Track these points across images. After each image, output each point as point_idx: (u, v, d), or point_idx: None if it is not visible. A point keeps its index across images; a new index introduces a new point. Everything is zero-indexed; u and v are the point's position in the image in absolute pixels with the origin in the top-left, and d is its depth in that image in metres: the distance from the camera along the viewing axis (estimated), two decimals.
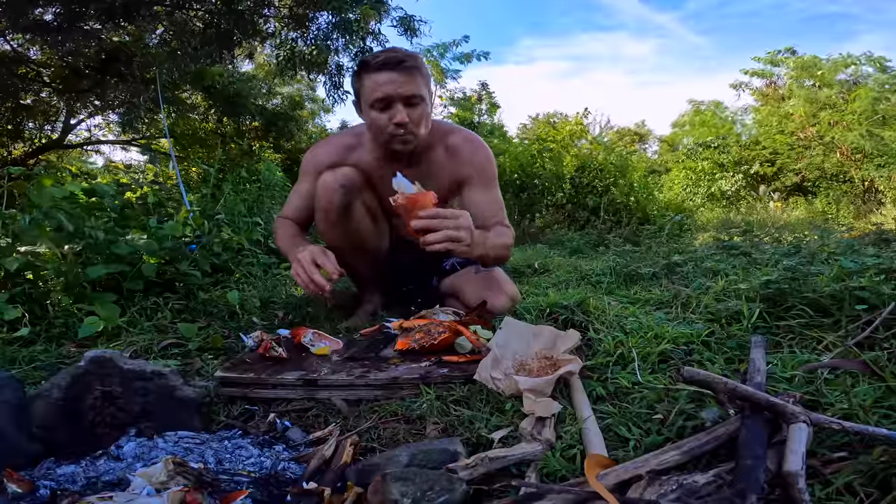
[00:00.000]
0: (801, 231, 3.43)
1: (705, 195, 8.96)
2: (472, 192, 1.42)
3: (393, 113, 1.26)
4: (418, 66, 1.28)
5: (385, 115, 1.27)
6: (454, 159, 1.42)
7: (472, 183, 1.42)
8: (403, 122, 1.26)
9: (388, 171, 1.33)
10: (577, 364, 0.96)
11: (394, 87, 1.24)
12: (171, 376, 0.91)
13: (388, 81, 1.24)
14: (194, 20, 4.51)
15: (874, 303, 1.06)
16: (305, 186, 1.47)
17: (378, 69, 1.25)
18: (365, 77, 1.27)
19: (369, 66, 1.27)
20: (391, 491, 0.62)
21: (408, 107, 1.27)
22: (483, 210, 1.39)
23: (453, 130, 1.46)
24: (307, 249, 1.26)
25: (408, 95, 1.26)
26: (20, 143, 6.19)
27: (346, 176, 1.36)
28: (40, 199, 1.56)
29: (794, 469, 0.58)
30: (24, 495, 0.67)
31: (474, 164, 1.43)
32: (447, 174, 1.42)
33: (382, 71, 1.24)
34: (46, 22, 4.02)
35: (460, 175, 1.43)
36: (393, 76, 1.24)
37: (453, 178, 1.43)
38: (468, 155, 1.42)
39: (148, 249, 1.74)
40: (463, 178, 1.43)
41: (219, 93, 5.85)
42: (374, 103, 1.26)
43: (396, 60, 1.24)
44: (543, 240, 4.39)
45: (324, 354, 1.18)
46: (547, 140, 5.65)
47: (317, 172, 1.41)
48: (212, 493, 0.67)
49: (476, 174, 1.42)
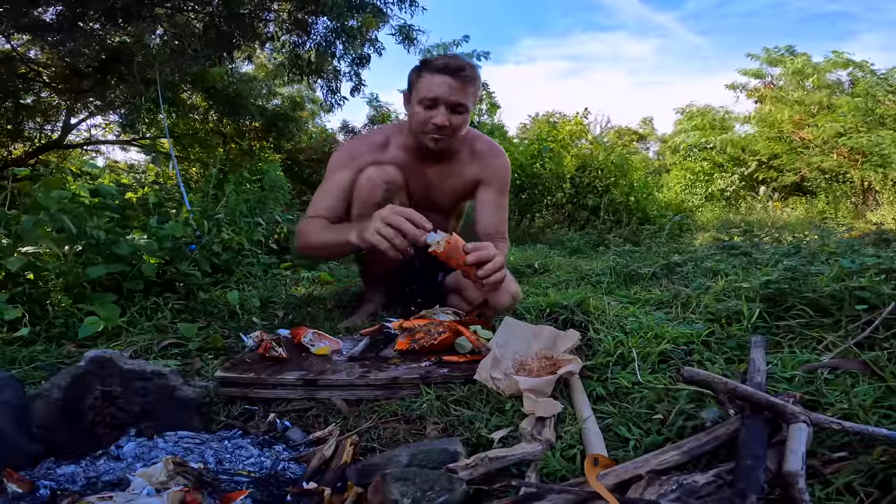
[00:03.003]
0: (800, 231, 3.43)
1: (704, 195, 8.96)
2: (487, 193, 1.53)
3: (436, 114, 1.34)
4: (473, 78, 1.36)
5: (429, 114, 1.35)
6: (477, 162, 1.52)
7: (488, 185, 1.53)
8: (444, 125, 1.35)
9: (418, 169, 1.46)
10: (577, 364, 0.96)
11: (446, 91, 1.32)
12: (171, 376, 0.91)
13: (442, 84, 1.32)
14: (194, 22, 4.51)
15: (874, 303, 1.06)
16: (340, 180, 1.44)
17: (437, 71, 1.33)
18: (423, 75, 1.35)
19: (430, 66, 1.35)
20: (391, 491, 0.62)
21: (451, 112, 1.35)
22: (491, 213, 1.51)
23: (480, 137, 1.57)
24: (385, 209, 1.16)
25: (455, 103, 1.34)
26: (20, 143, 6.19)
27: (389, 174, 1.41)
28: (47, 202, 1.55)
29: (794, 469, 0.58)
30: (24, 495, 0.67)
31: (495, 169, 1.53)
32: (468, 174, 1.52)
33: (440, 74, 1.32)
34: (47, 22, 4.02)
35: (480, 176, 1.53)
36: (448, 81, 1.32)
37: (473, 178, 1.53)
38: (490, 160, 1.53)
39: (148, 249, 1.74)
40: (481, 179, 1.53)
41: (219, 93, 5.84)
42: (423, 100, 1.35)
43: (456, 67, 1.32)
44: (543, 240, 4.39)
45: (324, 354, 1.18)
46: (547, 140, 5.65)
47: (356, 168, 1.43)
48: (212, 493, 0.67)
49: (493, 178, 1.53)
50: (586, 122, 7.12)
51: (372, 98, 8.56)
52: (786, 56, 8.45)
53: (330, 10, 4.16)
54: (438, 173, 1.49)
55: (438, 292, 1.62)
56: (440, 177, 1.50)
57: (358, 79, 5.17)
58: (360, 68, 5.05)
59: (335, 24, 4.46)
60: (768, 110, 8.65)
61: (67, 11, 3.85)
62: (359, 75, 5.14)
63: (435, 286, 1.65)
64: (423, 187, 1.51)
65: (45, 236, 1.55)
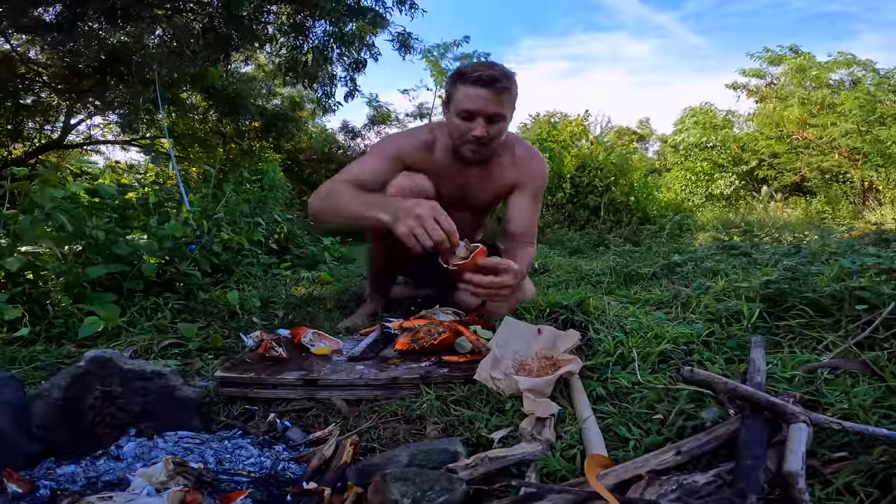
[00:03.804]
0: (800, 231, 3.43)
1: (704, 195, 8.96)
2: (521, 198, 1.54)
3: (474, 126, 1.34)
4: (509, 88, 1.34)
5: (467, 125, 1.35)
6: (516, 167, 1.53)
7: (523, 190, 1.54)
8: (482, 136, 1.34)
9: (460, 171, 1.47)
10: (577, 364, 0.96)
11: (482, 103, 1.31)
12: (171, 376, 0.91)
13: (478, 97, 1.31)
14: (194, 23, 4.51)
15: (874, 303, 1.06)
16: (378, 168, 1.42)
17: (473, 83, 1.31)
18: (460, 86, 1.34)
19: (466, 77, 1.33)
20: (391, 491, 0.62)
21: (489, 123, 1.34)
22: (522, 217, 1.52)
23: (521, 142, 1.58)
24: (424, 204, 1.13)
25: (491, 114, 1.33)
26: (20, 143, 6.19)
27: (418, 185, 1.40)
28: (43, 200, 1.56)
29: (794, 469, 0.58)
30: (24, 495, 0.67)
31: (532, 174, 1.54)
32: (506, 178, 1.53)
33: (476, 86, 1.31)
34: (47, 22, 4.02)
35: (516, 180, 1.53)
36: (483, 93, 1.30)
37: (510, 182, 1.54)
38: (527, 164, 1.54)
39: (148, 249, 1.74)
40: (517, 184, 1.54)
41: (218, 93, 5.84)
42: (461, 112, 1.34)
43: (491, 79, 1.30)
44: (543, 240, 4.39)
45: (324, 354, 1.18)
46: (547, 140, 5.65)
47: (397, 167, 1.43)
48: (212, 493, 0.67)
49: (529, 183, 1.54)
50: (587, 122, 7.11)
51: (372, 98, 8.56)
52: (788, 55, 8.45)
53: (328, 14, 4.16)
54: (478, 176, 1.50)
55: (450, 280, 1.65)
56: (479, 180, 1.51)
57: (353, 84, 5.18)
58: (356, 73, 5.07)
59: (333, 29, 4.47)
60: (771, 108, 8.64)
61: (67, 11, 3.85)
62: (354, 80, 5.15)
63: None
64: (461, 187, 1.52)
65: (43, 235, 1.55)
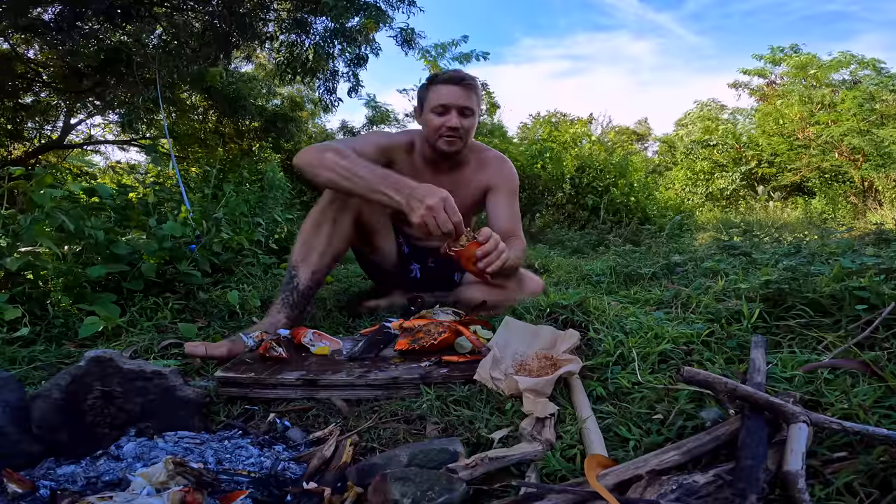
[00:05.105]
0: (800, 231, 3.42)
1: (704, 195, 8.96)
2: (497, 197, 1.63)
3: (449, 118, 1.50)
4: (475, 87, 1.53)
5: (441, 119, 1.50)
6: (485, 170, 1.65)
7: (497, 191, 1.64)
8: (456, 126, 1.49)
9: (433, 179, 1.52)
10: (577, 364, 0.96)
11: (454, 97, 1.49)
12: (171, 376, 0.91)
13: (450, 92, 1.49)
14: (193, 22, 4.52)
15: (874, 303, 1.06)
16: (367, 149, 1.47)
17: (443, 82, 1.51)
18: (431, 88, 1.53)
19: (437, 79, 1.53)
20: (391, 491, 0.62)
21: (461, 116, 1.51)
22: (504, 215, 1.61)
23: (487, 148, 1.72)
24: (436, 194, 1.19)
25: (463, 107, 1.50)
26: (20, 143, 6.18)
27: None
28: (41, 199, 1.56)
29: (794, 469, 0.58)
30: (24, 495, 0.67)
31: (502, 175, 1.65)
32: (478, 182, 1.65)
33: (447, 84, 1.50)
34: (46, 22, 4.02)
35: (488, 183, 1.64)
36: (454, 89, 1.50)
37: (482, 185, 1.65)
38: (497, 167, 1.66)
39: (148, 249, 1.74)
40: (490, 186, 1.64)
41: (218, 93, 5.84)
42: (436, 108, 1.50)
43: (459, 78, 1.51)
44: (543, 240, 4.39)
45: (324, 354, 1.18)
46: (548, 141, 5.65)
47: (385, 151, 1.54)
48: (212, 493, 0.67)
49: (502, 183, 1.64)
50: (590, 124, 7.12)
51: (370, 99, 8.56)
52: (790, 54, 8.45)
53: (329, 11, 4.17)
54: (451, 182, 1.56)
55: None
56: (453, 185, 1.54)
57: (356, 79, 5.18)
58: (358, 69, 5.07)
59: (334, 25, 4.47)
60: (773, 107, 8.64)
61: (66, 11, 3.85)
62: (356, 76, 5.15)
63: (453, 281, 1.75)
64: None
65: (42, 235, 1.55)
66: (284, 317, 1.39)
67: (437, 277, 1.74)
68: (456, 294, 1.63)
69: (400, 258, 1.72)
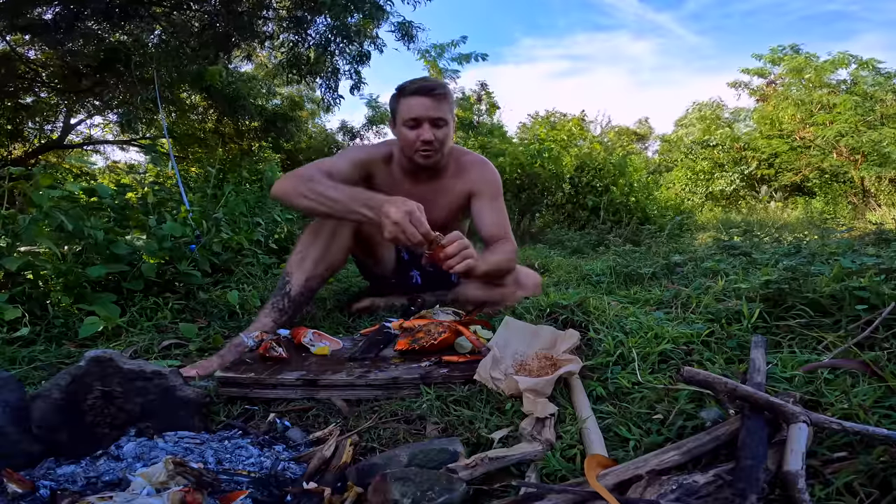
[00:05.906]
0: (800, 231, 3.43)
1: (704, 195, 8.97)
2: (481, 201, 1.60)
3: (421, 132, 1.44)
4: (446, 94, 1.47)
5: (414, 133, 1.45)
6: (465, 174, 1.61)
7: (480, 194, 1.60)
8: (430, 139, 1.44)
9: (413, 188, 1.54)
10: (577, 364, 0.96)
11: (424, 110, 1.43)
12: (171, 376, 0.91)
13: (420, 105, 1.43)
14: (192, 21, 4.51)
15: (874, 303, 1.06)
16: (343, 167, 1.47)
17: (412, 94, 1.44)
18: (402, 100, 1.47)
19: (405, 91, 1.46)
20: (391, 491, 0.62)
21: (434, 127, 1.45)
22: (490, 218, 1.57)
23: (467, 153, 1.67)
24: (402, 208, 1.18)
25: (435, 118, 1.45)
26: (20, 143, 6.19)
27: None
28: (40, 199, 1.56)
29: (794, 469, 0.58)
30: (24, 495, 0.67)
31: (483, 179, 1.61)
32: (458, 187, 1.61)
33: (416, 96, 1.44)
34: (46, 22, 4.02)
35: (470, 187, 1.60)
36: (424, 101, 1.43)
37: (464, 190, 1.61)
38: (478, 171, 1.62)
39: (148, 249, 1.74)
40: (472, 191, 1.60)
41: (218, 93, 5.84)
42: (407, 122, 1.45)
43: (428, 88, 1.44)
44: (543, 240, 4.39)
45: (324, 354, 1.18)
46: (547, 140, 5.65)
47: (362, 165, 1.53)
48: (212, 493, 0.67)
49: (483, 187, 1.60)
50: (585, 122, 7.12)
51: (371, 99, 8.56)
52: (789, 55, 8.44)
53: (329, 9, 4.17)
54: (431, 191, 1.55)
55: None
56: (433, 194, 1.56)
57: (358, 76, 5.16)
58: (360, 66, 5.05)
59: (334, 23, 4.47)
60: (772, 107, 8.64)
61: (65, 11, 3.85)
62: (359, 73, 5.14)
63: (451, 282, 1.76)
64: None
65: (42, 235, 1.55)
66: (272, 321, 1.38)
67: (437, 282, 1.74)
68: (455, 293, 1.63)
69: (399, 265, 1.72)
